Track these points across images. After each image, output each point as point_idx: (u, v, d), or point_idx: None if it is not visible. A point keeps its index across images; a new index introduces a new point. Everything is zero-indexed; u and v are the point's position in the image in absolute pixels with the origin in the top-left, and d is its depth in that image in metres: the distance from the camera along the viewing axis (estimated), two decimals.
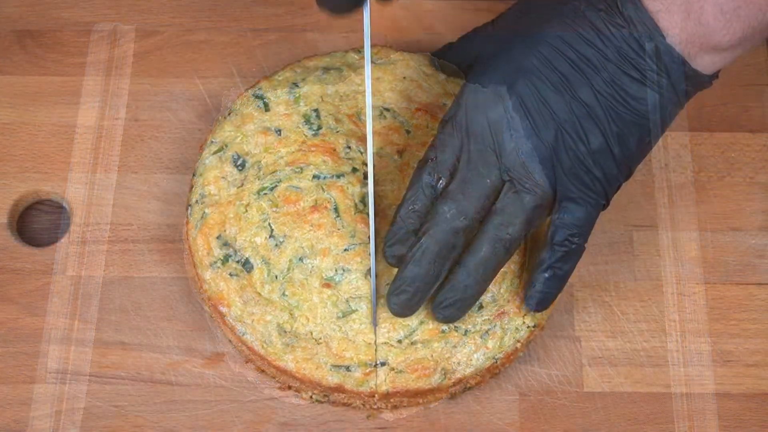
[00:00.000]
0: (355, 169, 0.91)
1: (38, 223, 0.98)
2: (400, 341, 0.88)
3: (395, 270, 0.88)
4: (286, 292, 0.89)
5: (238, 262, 0.89)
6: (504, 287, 0.89)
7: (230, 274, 0.89)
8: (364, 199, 0.91)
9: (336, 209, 0.90)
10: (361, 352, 0.88)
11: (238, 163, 0.92)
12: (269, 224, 0.90)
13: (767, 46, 1.02)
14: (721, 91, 1.01)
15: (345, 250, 0.89)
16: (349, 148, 0.92)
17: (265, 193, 0.91)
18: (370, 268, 0.89)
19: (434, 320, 0.87)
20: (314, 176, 0.91)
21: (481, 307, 0.89)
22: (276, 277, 0.89)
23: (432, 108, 0.94)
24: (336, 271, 0.89)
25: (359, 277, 0.89)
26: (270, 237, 0.90)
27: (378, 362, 0.88)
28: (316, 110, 0.94)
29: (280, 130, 0.93)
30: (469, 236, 0.85)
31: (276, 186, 0.91)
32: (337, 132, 0.93)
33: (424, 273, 0.84)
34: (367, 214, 0.90)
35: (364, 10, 0.80)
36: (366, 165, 0.92)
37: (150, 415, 0.91)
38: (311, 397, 0.91)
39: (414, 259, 0.84)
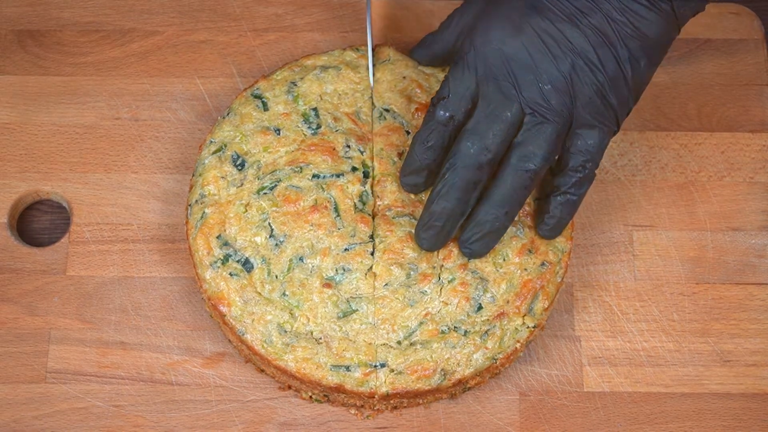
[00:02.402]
0: (354, 168, 0.91)
1: (38, 223, 0.98)
2: (399, 342, 0.88)
3: (395, 270, 0.88)
4: (286, 292, 0.89)
5: (238, 261, 0.89)
6: (504, 288, 0.89)
7: (230, 274, 0.89)
8: (363, 198, 0.91)
9: (336, 209, 0.90)
10: (362, 352, 0.88)
11: (238, 162, 0.92)
12: (269, 224, 0.90)
13: (767, 46, 1.02)
14: (721, 91, 1.01)
15: (345, 249, 0.89)
16: (349, 146, 0.92)
17: (265, 193, 0.91)
18: (370, 267, 0.89)
19: (461, 257, 0.89)
20: (314, 175, 0.91)
21: (480, 307, 0.89)
22: (276, 277, 0.89)
23: None
24: (336, 270, 0.89)
25: (360, 277, 0.89)
26: (270, 237, 0.90)
27: (377, 363, 0.88)
28: (314, 109, 0.94)
29: (279, 130, 0.93)
30: (492, 170, 0.86)
31: (276, 185, 0.91)
32: (336, 131, 0.93)
33: (451, 207, 0.86)
34: (367, 213, 0.90)
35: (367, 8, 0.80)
36: (365, 164, 0.92)
37: (150, 415, 0.91)
38: (311, 397, 0.91)
39: (441, 194, 0.86)
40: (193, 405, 0.91)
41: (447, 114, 0.87)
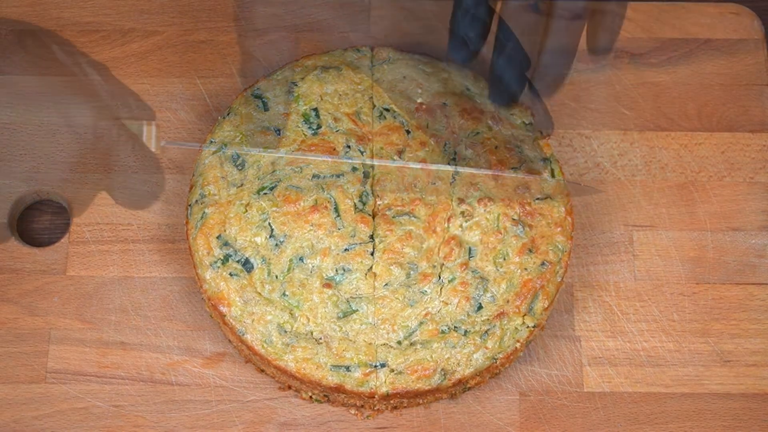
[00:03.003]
0: (354, 168, 0.91)
1: (38, 223, 0.98)
2: (399, 342, 0.88)
3: (395, 270, 0.88)
4: (286, 292, 0.89)
5: (238, 261, 0.89)
6: (504, 287, 0.89)
7: (230, 274, 0.89)
8: (363, 198, 0.91)
9: (336, 209, 0.90)
10: (362, 353, 0.88)
11: (238, 162, 0.92)
12: (269, 224, 0.90)
13: (767, 46, 1.02)
14: (721, 91, 1.01)
15: (345, 249, 0.89)
16: (349, 147, 0.92)
17: (265, 193, 0.91)
18: (370, 267, 0.89)
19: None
20: (314, 176, 0.91)
21: (480, 307, 0.89)
22: (276, 277, 0.89)
23: (432, 107, 0.94)
24: (336, 271, 0.89)
25: (360, 277, 0.89)
26: (270, 237, 0.90)
27: (377, 363, 0.88)
28: (315, 109, 0.94)
29: (279, 130, 0.93)
30: (540, 15, 0.85)
31: (276, 186, 0.91)
32: (337, 131, 0.93)
33: (513, 57, 0.87)
34: (367, 213, 0.90)
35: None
36: (365, 164, 0.92)
37: (150, 415, 0.91)
38: (311, 397, 0.91)
39: (504, 49, 0.87)
40: (193, 405, 0.91)
41: None
